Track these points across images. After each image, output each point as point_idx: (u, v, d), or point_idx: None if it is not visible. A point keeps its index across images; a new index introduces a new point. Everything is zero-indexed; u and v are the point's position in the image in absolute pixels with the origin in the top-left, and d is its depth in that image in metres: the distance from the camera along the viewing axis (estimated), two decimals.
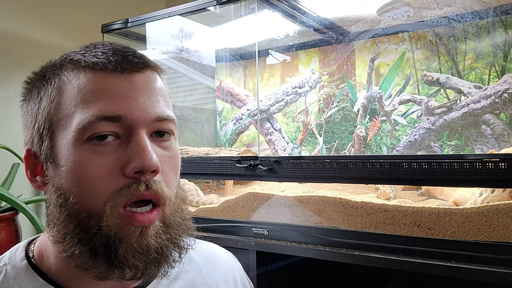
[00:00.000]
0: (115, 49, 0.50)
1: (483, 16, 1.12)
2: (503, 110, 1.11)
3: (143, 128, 0.48)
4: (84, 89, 0.47)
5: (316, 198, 0.93)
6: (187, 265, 0.61)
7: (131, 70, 0.49)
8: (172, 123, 0.51)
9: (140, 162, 0.45)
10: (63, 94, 0.48)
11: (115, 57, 0.48)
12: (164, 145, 0.50)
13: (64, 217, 0.46)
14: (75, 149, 0.46)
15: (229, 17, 1.39)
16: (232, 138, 1.63)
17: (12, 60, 1.50)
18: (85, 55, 0.49)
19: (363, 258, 0.81)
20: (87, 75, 0.48)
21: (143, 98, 0.48)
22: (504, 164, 0.71)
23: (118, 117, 0.46)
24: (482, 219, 0.76)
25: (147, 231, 0.46)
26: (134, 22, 1.31)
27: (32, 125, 0.50)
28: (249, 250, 0.93)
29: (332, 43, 1.43)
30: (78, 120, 0.45)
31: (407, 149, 1.26)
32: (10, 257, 0.53)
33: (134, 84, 0.48)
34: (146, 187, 0.46)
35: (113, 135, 0.46)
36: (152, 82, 0.50)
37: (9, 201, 1.20)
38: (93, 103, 0.46)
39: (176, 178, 0.52)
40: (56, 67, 0.51)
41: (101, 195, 0.45)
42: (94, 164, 0.45)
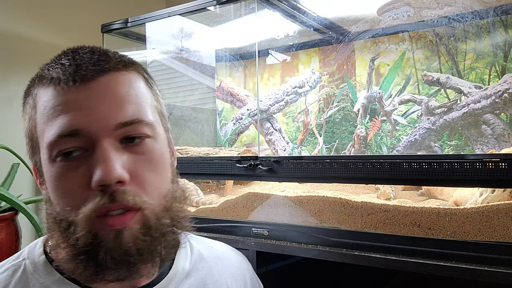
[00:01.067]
0: (74, 58, 0.49)
1: (483, 16, 1.12)
2: (503, 110, 1.11)
3: (106, 138, 0.47)
4: (47, 106, 0.48)
5: (316, 198, 0.93)
6: (198, 264, 0.61)
7: (85, 79, 0.47)
8: (143, 125, 0.49)
9: (100, 176, 0.45)
10: (36, 111, 0.50)
11: (70, 69, 0.48)
12: (137, 149, 0.49)
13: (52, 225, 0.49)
14: (49, 166, 0.48)
15: (229, 17, 1.39)
16: (232, 138, 1.63)
17: (12, 60, 1.50)
18: (49, 69, 0.49)
19: (363, 258, 0.81)
20: (48, 91, 0.48)
21: (101, 107, 0.47)
22: (504, 164, 0.71)
23: (76, 131, 0.46)
24: (483, 219, 0.76)
25: (122, 235, 0.46)
26: (134, 22, 1.31)
27: (26, 142, 0.53)
28: (249, 250, 0.93)
29: (332, 43, 1.43)
30: (46, 139, 0.47)
31: (407, 149, 1.26)
32: (29, 252, 0.55)
33: (89, 94, 0.47)
34: (111, 200, 0.45)
35: (80, 149, 0.47)
36: (113, 87, 0.48)
37: (9, 201, 1.20)
38: (54, 120, 0.47)
39: (160, 179, 0.51)
40: (32, 83, 0.52)
41: (74, 207, 0.46)
42: (64, 180, 0.47)
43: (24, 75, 1.57)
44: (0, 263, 0.56)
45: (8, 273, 0.53)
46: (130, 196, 0.46)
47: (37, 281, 0.51)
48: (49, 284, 0.51)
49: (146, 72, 0.55)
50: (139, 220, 0.47)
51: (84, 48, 0.51)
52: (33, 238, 1.53)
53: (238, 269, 0.68)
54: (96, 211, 0.45)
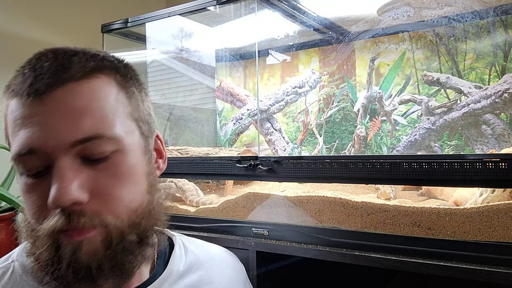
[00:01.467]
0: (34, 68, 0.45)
1: (483, 16, 1.12)
2: (503, 110, 1.11)
3: (63, 156, 0.43)
4: (10, 120, 0.46)
5: (316, 198, 0.93)
6: (193, 266, 0.61)
7: (39, 93, 0.43)
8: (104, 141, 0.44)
9: (53, 198, 0.42)
10: (6, 126, 0.48)
11: (29, 80, 0.44)
12: (100, 166, 0.45)
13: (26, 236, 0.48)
14: (20, 183, 0.47)
15: (229, 17, 1.39)
16: (232, 138, 1.63)
17: (12, 60, 1.50)
18: (14, 79, 0.46)
19: (363, 258, 0.81)
20: (11, 103, 0.46)
21: (56, 122, 0.43)
22: (504, 164, 0.71)
23: (32, 150, 0.43)
24: (483, 219, 0.76)
25: (81, 248, 0.44)
26: (134, 22, 1.31)
27: None
28: (249, 250, 0.93)
29: (332, 43, 1.43)
30: (11, 156, 0.46)
31: (407, 149, 1.26)
32: (18, 254, 0.54)
33: (43, 109, 0.43)
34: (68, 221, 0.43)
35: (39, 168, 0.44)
36: (68, 100, 0.44)
37: (9, 201, 1.20)
38: (15, 136, 0.45)
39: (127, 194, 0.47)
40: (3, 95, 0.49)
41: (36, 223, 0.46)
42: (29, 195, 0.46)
43: None
44: None
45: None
46: (87, 217, 0.44)
47: (26, 283, 0.50)
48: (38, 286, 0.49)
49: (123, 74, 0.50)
50: (100, 233, 0.45)
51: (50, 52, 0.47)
52: None
53: (233, 270, 0.68)
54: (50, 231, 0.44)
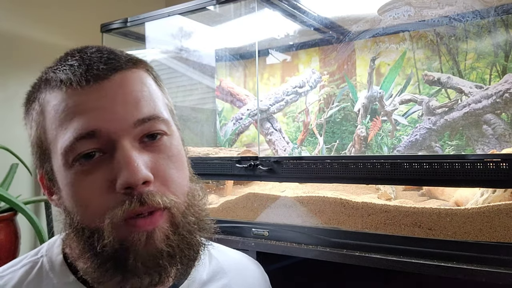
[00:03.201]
0: (82, 58, 0.47)
1: (484, 15, 1.12)
2: (504, 110, 1.10)
3: (125, 137, 0.45)
4: (58, 110, 0.46)
5: (316, 198, 0.93)
6: (216, 275, 0.60)
7: (97, 79, 0.46)
8: (159, 122, 0.48)
9: (127, 178, 0.43)
10: (45, 117, 0.47)
11: (80, 69, 0.46)
12: (157, 147, 0.47)
13: (73, 237, 0.47)
14: (66, 173, 0.45)
15: (229, 17, 1.39)
16: (232, 138, 1.63)
17: (12, 60, 1.50)
18: (56, 71, 0.48)
19: (363, 259, 0.81)
20: (58, 94, 0.46)
21: (117, 106, 0.45)
22: (505, 164, 0.71)
23: (93, 132, 0.44)
24: (483, 220, 0.75)
25: (154, 235, 0.44)
26: (133, 22, 1.31)
27: (33, 151, 0.51)
28: (249, 250, 0.93)
29: (333, 42, 1.42)
30: (61, 144, 0.45)
31: (408, 149, 1.26)
32: (48, 249, 0.54)
33: (103, 93, 0.45)
34: (140, 203, 0.43)
35: (97, 151, 0.45)
36: (126, 84, 0.47)
37: (8, 202, 1.19)
38: (68, 124, 0.45)
39: (182, 176, 0.49)
40: (36, 88, 0.50)
41: (97, 214, 0.44)
42: (84, 185, 0.44)
43: (24, 75, 1.57)
44: (20, 257, 0.55)
45: (25, 268, 0.52)
46: (158, 197, 0.44)
47: (50, 280, 0.50)
48: (62, 286, 0.49)
49: (154, 70, 0.53)
50: (166, 218, 0.46)
51: (89, 48, 0.50)
52: (32, 238, 1.52)
53: (256, 279, 0.67)
54: (124, 217, 0.43)
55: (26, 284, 0.50)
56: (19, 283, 0.50)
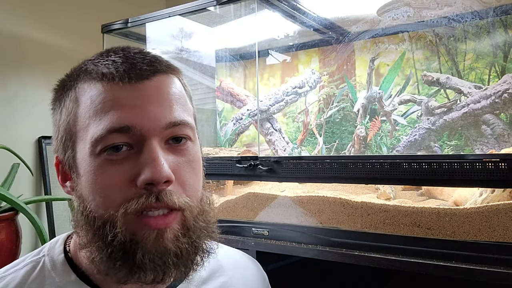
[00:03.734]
0: (125, 56, 0.49)
1: (483, 16, 1.12)
2: (503, 110, 1.11)
3: (155, 137, 0.47)
4: (95, 101, 0.47)
5: (316, 198, 0.93)
6: (216, 272, 0.61)
7: (139, 78, 0.48)
8: (187, 128, 0.50)
9: (150, 174, 0.45)
10: (79, 105, 0.49)
11: (124, 66, 0.48)
12: (181, 150, 0.49)
13: (84, 224, 0.48)
14: (91, 160, 0.46)
15: (229, 17, 1.39)
16: (232, 138, 1.63)
17: (12, 60, 1.50)
18: (98, 64, 0.49)
19: (363, 258, 0.81)
20: (98, 86, 0.48)
21: (153, 106, 0.47)
22: (504, 164, 0.71)
23: (127, 128, 0.46)
24: (482, 219, 0.76)
25: (164, 235, 0.46)
26: (134, 22, 1.31)
27: (57, 135, 0.52)
28: (249, 250, 0.93)
29: (332, 43, 1.43)
30: (92, 133, 0.46)
31: (407, 149, 1.26)
32: (49, 249, 0.55)
33: (142, 93, 0.47)
34: (157, 199, 0.45)
35: (126, 145, 0.47)
36: (163, 88, 0.49)
37: (9, 201, 1.20)
38: (104, 115, 0.46)
39: (198, 181, 0.51)
40: (73, 77, 0.51)
41: (113, 203, 0.45)
42: (107, 174, 0.46)
43: (24, 76, 1.58)
44: (22, 257, 0.55)
45: (27, 269, 0.53)
46: (175, 196, 0.46)
47: (53, 279, 0.51)
48: (64, 284, 0.50)
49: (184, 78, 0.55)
50: (179, 221, 0.47)
51: (132, 48, 0.52)
52: (33, 238, 1.53)
53: (256, 278, 0.68)
54: (138, 210, 0.45)
55: (28, 284, 0.51)
56: (22, 283, 0.51)
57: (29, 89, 1.54)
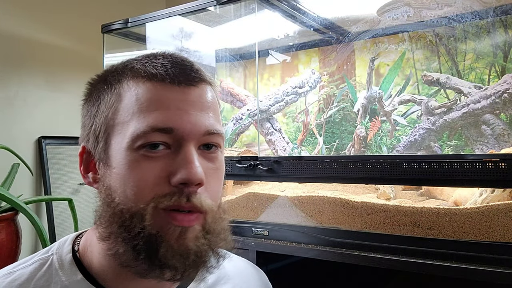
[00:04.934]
0: (174, 61, 0.52)
1: (483, 16, 1.12)
2: (503, 110, 1.11)
3: (192, 141, 0.49)
4: (141, 98, 0.49)
5: (316, 198, 0.93)
6: (221, 279, 0.62)
7: (187, 83, 0.50)
8: (220, 137, 0.52)
9: (186, 175, 0.47)
10: (121, 100, 0.50)
11: (173, 70, 0.50)
12: (211, 157, 0.52)
13: (109, 216, 0.49)
14: (127, 154, 0.48)
15: (229, 17, 1.39)
16: (232, 138, 1.63)
17: (13, 60, 1.50)
18: (145, 65, 0.51)
19: (363, 258, 0.81)
20: (145, 85, 0.50)
21: (195, 112, 0.50)
22: (504, 164, 0.71)
23: (171, 129, 0.48)
24: (482, 219, 0.76)
25: (186, 233, 0.47)
26: (134, 22, 1.31)
27: (90, 125, 0.53)
28: (249, 250, 0.93)
29: (332, 43, 1.43)
30: (134, 129, 0.48)
31: (407, 149, 1.26)
32: (58, 248, 0.56)
33: (188, 98, 0.50)
34: (187, 199, 0.47)
35: (164, 145, 0.48)
36: (205, 96, 0.52)
37: (9, 201, 1.20)
38: (148, 113, 0.48)
39: (220, 188, 0.54)
40: (117, 73, 0.53)
41: (145, 197, 0.47)
42: (143, 168, 0.48)
43: (24, 76, 1.58)
44: (31, 255, 0.56)
45: (35, 266, 0.54)
46: (203, 199, 0.48)
47: (59, 278, 0.52)
48: (70, 283, 0.51)
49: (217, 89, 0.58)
50: (200, 222, 0.49)
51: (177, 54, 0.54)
52: (33, 238, 1.53)
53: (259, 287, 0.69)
54: (169, 206, 0.46)
55: (35, 280, 0.52)
56: (29, 280, 0.52)
57: (29, 89, 1.54)
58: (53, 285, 0.51)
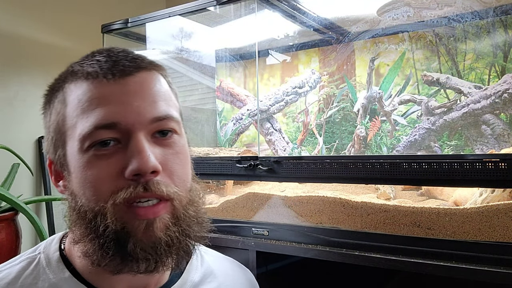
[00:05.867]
0: (109, 55, 0.51)
1: (483, 16, 1.12)
2: (503, 110, 1.11)
3: (141, 131, 0.48)
4: (82, 99, 0.49)
5: (316, 198, 0.93)
6: (207, 277, 0.62)
7: (122, 74, 0.49)
8: (173, 121, 0.52)
9: (137, 165, 0.46)
10: (67, 105, 0.51)
11: (107, 64, 0.50)
12: (167, 143, 0.51)
13: (76, 219, 0.49)
14: (80, 156, 0.48)
15: (229, 17, 1.39)
16: (232, 138, 1.63)
17: (13, 60, 1.50)
18: (83, 65, 0.51)
19: (363, 258, 0.81)
20: (83, 85, 0.50)
21: (138, 102, 0.49)
22: (504, 164, 0.71)
23: (114, 124, 0.48)
24: (482, 219, 0.76)
25: (153, 224, 0.47)
26: (134, 22, 1.31)
27: (48, 137, 0.54)
28: (249, 250, 0.93)
29: (332, 43, 1.43)
30: (80, 130, 0.48)
31: (407, 149, 1.26)
32: (45, 247, 0.57)
33: (127, 88, 0.49)
34: (145, 189, 0.47)
35: (114, 140, 0.48)
36: (147, 84, 0.51)
37: (9, 201, 1.20)
38: (90, 112, 0.48)
39: (186, 172, 0.53)
40: (61, 80, 0.53)
41: (103, 195, 0.47)
42: (96, 168, 0.47)
43: (24, 76, 1.58)
44: (18, 255, 0.57)
45: (23, 264, 0.54)
46: (163, 186, 0.48)
47: (47, 276, 0.52)
48: (57, 281, 0.52)
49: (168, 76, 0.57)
50: (168, 210, 0.49)
51: (116, 47, 0.53)
52: (33, 238, 1.53)
53: (245, 286, 0.69)
54: (127, 199, 0.46)
55: (23, 278, 0.52)
56: (16, 278, 0.52)
57: (29, 89, 1.54)
58: (40, 283, 0.52)
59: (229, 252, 0.97)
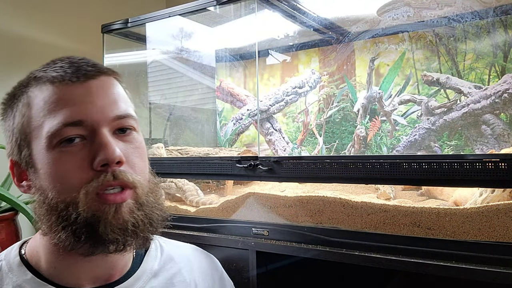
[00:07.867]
0: (71, 62, 0.57)
1: (483, 16, 1.12)
2: (503, 110, 1.11)
3: (105, 127, 0.54)
4: (48, 101, 0.54)
5: (316, 198, 0.93)
6: (167, 264, 0.67)
7: (86, 77, 0.55)
8: (132, 120, 0.58)
9: (105, 155, 0.52)
10: (31, 108, 0.55)
11: (71, 69, 0.56)
12: (127, 139, 0.57)
13: (45, 211, 0.54)
14: (48, 153, 0.53)
15: (229, 17, 1.39)
16: (232, 138, 1.63)
17: (13, 60, 1.50)
18: (46, 71, 0.57)
19: (363, 258, 0.81)
20: (49, 88, 0.55)
21: (100, 101, 0.55)
22: (504, 164, 0.71)
23: (80, 121, 0.53)
24: (482, 219, 0.76)
25: (121, 208, 0.53)
26: (134, 22, 1.31)
27: (11, 139, 0.58)
28: (249, 250, 0.93)
29: (332, 43, 1.43)
30: (47, 129, 0.53)
31: (407, 149, 1.26)
32: (6, 255, 0.61)
33: (90, 90, 0.55)
34: (114, 177, 0.52)
35: (79, 137, 0.53)
36: (107, 86, 0.57)
37: (9, 201, 1.20)
38: (58, 112, 0.53)
39: (144, 165, 0.59)
40: (23, 86, 0.59)
41: (74, 187, 0.52)
42: (65, 162, 0.52)
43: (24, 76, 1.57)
44: None
45: None
46: (128, 175, 0.54)
47: (10, 280, 0.56)
48: (21, 282, 0.56)
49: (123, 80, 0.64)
50: (132, 197, 0.55)
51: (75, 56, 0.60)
52: None
53: (207, 269, 0.74)
54: (99, 187, 0.51)
55: None
56: None
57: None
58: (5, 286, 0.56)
59: (229, 252, 0.97)
